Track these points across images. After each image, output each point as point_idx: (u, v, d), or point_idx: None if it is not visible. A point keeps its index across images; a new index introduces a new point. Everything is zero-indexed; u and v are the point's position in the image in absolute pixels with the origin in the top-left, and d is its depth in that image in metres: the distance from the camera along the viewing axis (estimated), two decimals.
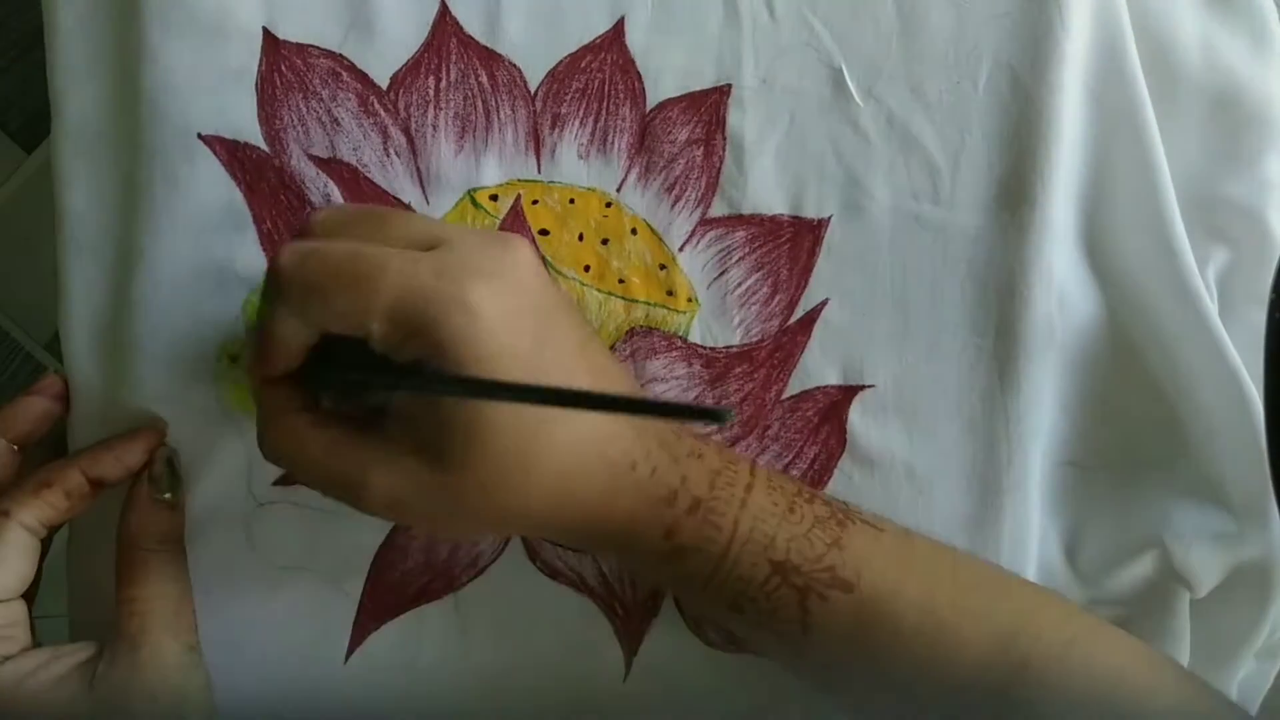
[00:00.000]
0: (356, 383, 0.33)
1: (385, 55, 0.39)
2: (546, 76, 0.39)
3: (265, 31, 0.38)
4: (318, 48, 0.39)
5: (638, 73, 0.39)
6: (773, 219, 0.40)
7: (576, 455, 0.32)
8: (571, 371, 0.33)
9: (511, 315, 0.31)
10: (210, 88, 0.38)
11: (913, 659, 0.34)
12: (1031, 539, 0.40)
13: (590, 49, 0.39)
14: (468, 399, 0.31)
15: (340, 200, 0.39)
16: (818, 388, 0.40)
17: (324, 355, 0.33)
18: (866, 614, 0.34)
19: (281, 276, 0.31)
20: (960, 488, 0.40)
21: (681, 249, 0.40)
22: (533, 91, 0.39)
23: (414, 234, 0.32)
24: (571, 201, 0.40)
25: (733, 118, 0.39)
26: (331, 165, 0.39)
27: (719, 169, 0.40)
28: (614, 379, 0.35)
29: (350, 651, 0.40)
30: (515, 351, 0.31)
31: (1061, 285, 0.40)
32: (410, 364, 0.31)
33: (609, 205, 0.40)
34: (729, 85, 0.39)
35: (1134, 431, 0.41)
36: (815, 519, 0.35)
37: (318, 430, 0.32)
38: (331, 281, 0.31)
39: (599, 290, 0.40)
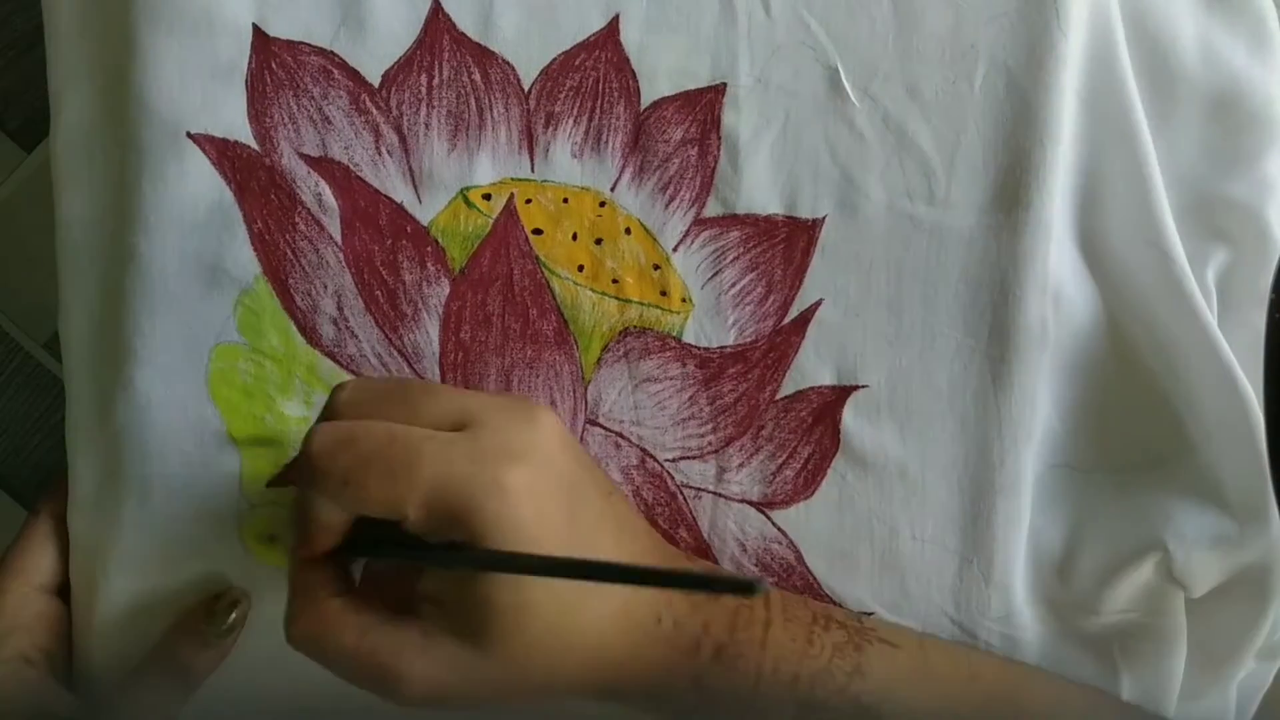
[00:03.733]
0: (396, 559, 0.34)
1: (377, 52, 0.38)
2: (540, 74, 0.39)
3: (255, 28, 0.38)
4: (309, 45, 0.38)
5: (632, 71, 0.39)
6: (767, 219, 0.40)
7: (609, 621, 0.33)
8: (599, 538, 0.34)
9: (544, 493, 0.32)
10: (199, 85, 0.38)
11: None
12: (1022, 539, 0.40)
13: (584, 47, 0.39)
14: (507, 574, 0.31)
15: (331, 200, 0.38)
16: (811, 388, 0.40)
17: (361, 530, 0.33)
18: None
19: (316, 463, 0.31)
20: (952, 488, 0.40)
21: (675, 249, 0.40)
22: (526, 89, 0.39)
23: (442, 411, 0.33)
24: (565, 201, 0.39)
25: (727, 117, 0.39)
26: (323, 164, 0.38)
27: (713, 169, 0.39)
28: (637, 534, 0.36)
29: None
30: (551, 529, 0.31)
31: (1058, 287, 0.40)
32: (446, 544, 0.31)
33: (603, 205, 0.39)
34: (724, 84, 0.39)
35: (1132, 433, 0.41)
36: (834, 647, 0.35)
37: (350, 616, 0.32)
38: (367, 470, 0.31)
39: (593, 290, 0.39)
